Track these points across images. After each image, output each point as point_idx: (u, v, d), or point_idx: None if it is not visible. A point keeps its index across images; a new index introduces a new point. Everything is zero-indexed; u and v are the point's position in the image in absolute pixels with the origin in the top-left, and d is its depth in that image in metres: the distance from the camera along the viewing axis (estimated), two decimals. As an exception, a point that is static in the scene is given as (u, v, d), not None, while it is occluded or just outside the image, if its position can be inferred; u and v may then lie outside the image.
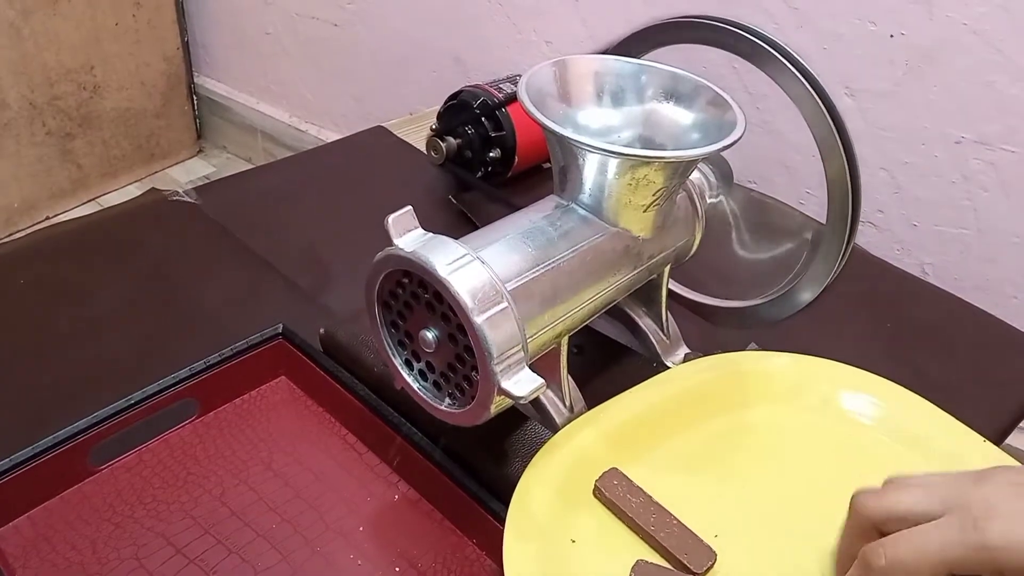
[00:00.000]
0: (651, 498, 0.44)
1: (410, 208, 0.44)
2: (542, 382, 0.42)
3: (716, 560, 0.42)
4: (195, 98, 1.75)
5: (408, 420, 0.51)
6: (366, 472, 0.52)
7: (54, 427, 0.48)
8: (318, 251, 0.74)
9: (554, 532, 0.43)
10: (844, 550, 0.41)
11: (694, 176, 0.56)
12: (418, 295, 0.44)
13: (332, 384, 0.54)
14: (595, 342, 0.59)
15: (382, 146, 0.93)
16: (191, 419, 0.54)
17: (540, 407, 0.51)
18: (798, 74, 0.50)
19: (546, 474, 0.45)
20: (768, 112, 0.93)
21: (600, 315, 0.52)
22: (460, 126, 0.83)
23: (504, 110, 0.82)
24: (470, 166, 0.84)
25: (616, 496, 0.44)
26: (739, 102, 0.49)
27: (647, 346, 0.58)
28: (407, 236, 0.43)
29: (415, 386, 0.47)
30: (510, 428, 0.50)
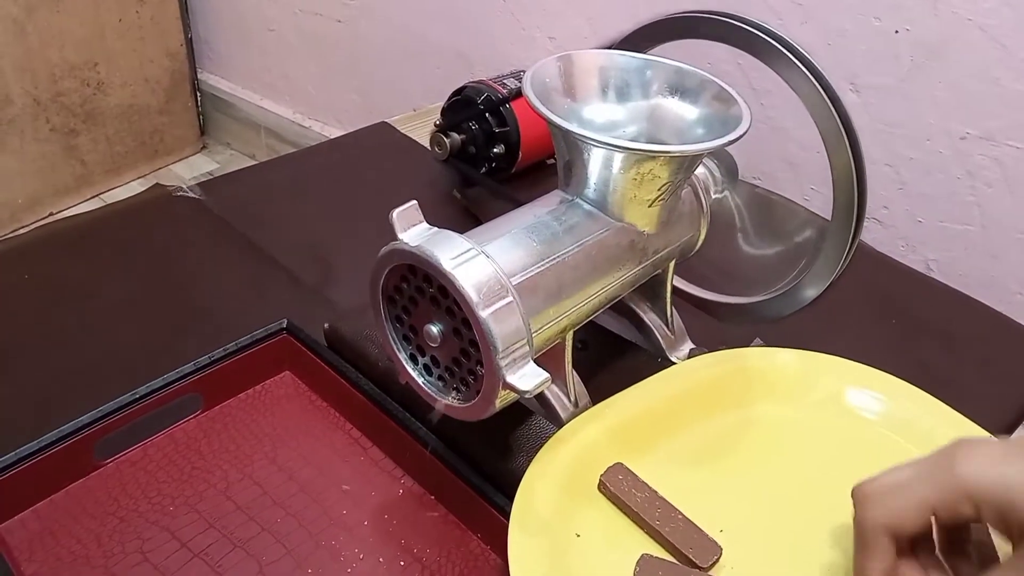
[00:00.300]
0: (656, 493, 0.44)
1: (415, 202, 0.43)
2: (547, 376, 0.42)
3: (721, 554, 0.42)
4: (199, 94, 1.75)
5: (413, 414, 0.51)
6: (370, 466, 0.52)
7: (59, 421, 0.48)
8: (322, 246, 0.74)
9: (559, 527, 0.43)
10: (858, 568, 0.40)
11: (699, 171, 0.56)
12: (423, 289, 0.44)
13: (336, 379, 0.54)
14: (600, 337, 0.59)
15: (386, 142, 0.93)
16: (196, 414, 0.54)
17: (545, 402, 0.51)
18: (803, 69, 0.50)
19: (551, 469, 0.45)
20: (773, 108, 0.93)
21: (605, 310, 0.52)
22: (464, 122, 0.83)
23: (508, 106, 0.82)
24: (474, 162, 0.84)
25: (621, 491, 0.44)
26: (744, 97, 0.49)
27: (652, 341, 0.58)
28: (412, 230, 0.43)
29: (420, 381, 0.47)
30: (515, 423, 0.50)
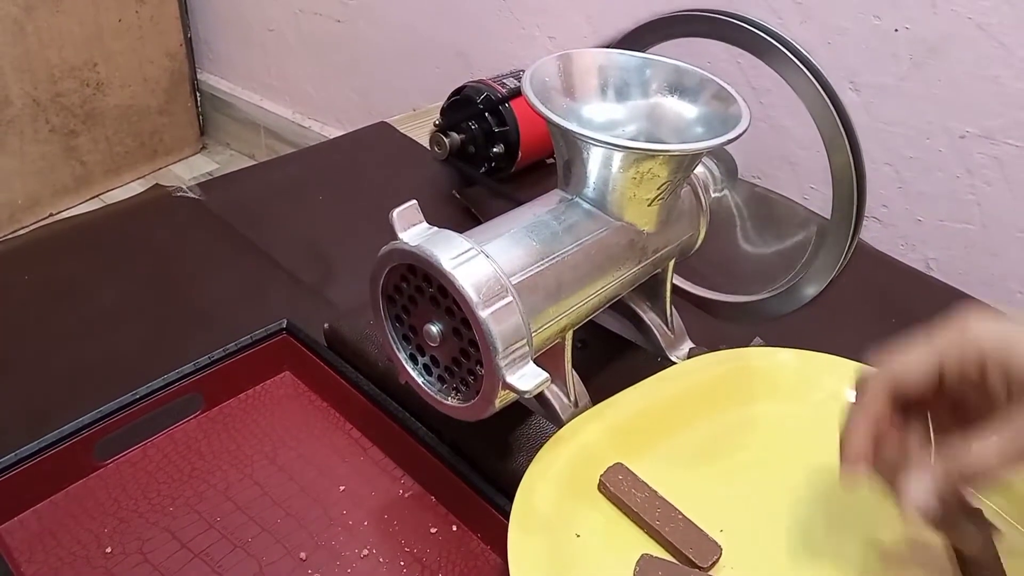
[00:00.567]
0: (656, 493, 0.44)
1: (414, 202, 0.43)
2: (547, 376, 0.42)
3: (721, 554, 0.42)
4: (198, 95, 1.75)
5: (412, 415, 0.51)
6: (370, 466, 0.52)
7: (59, 422, 0.48)
8: (322, 246, 0.74)
9: (559, 527, 0.43)
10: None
11: (698, 170, 0.56)
12: (423, 289, 0.44)
13: (336, 379, 0.54)
14: (599, 336, 0.59)
15: (385, 142, 0.93)
16: (196, 414, 0.54)
17: (544, 401, 0.51)
18: (803, 68, 0.50)
19: (551, 469, 0.45)
20: (772, 106, 0.93)
21: (604, 309, 0.52)
22: (464, 121, 0.83)
23: (508, 105, 0.82)
24: (474, 161, 0.84)
25: (621, 491, 0.44)
26: (743, 96, 0.49)
27: (651, 341, 0.58)
28: (411, 230, 0.43)
29: (419, 380, 0.47)
30: (514, 422, 0.50)
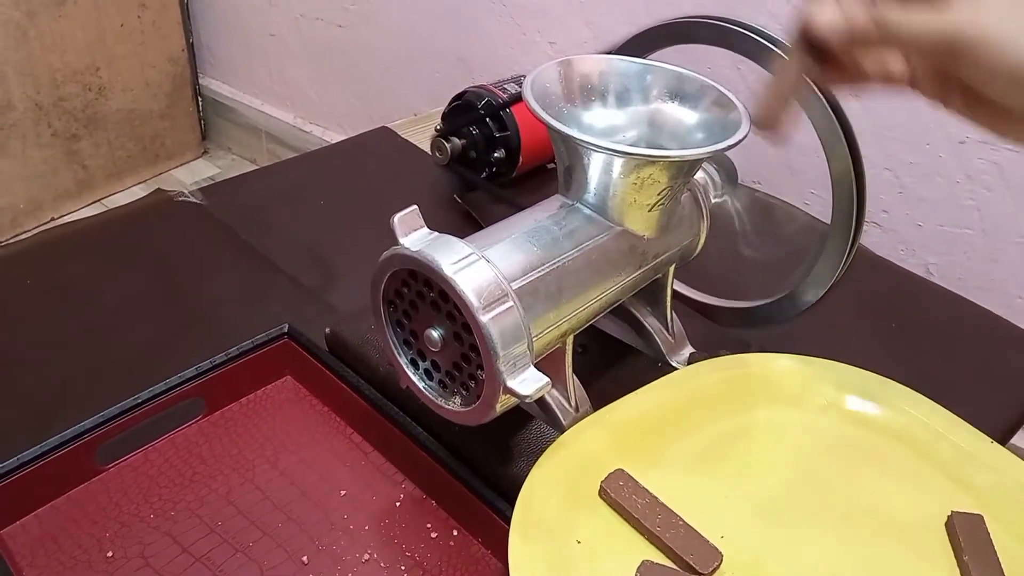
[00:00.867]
0: (657, 499, 0.44)
1: (415, 207, 0.44)
2: (547, 381, 0.42)
3: (722, 561, 0.42)
4: (200, 99, 1.76)
5: (413, 419, 0.51)
6: (371, 471, 0.52)
7: (61, 426, 0.48)
8: (323, 251, 0.74)
9: (560, 532, 0.43)
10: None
11: (699, 176, 0.56)
12: (423, 294, 0.44)
13: (337, 383, 0.54)
14: (600, 341, 0.59)
15: (386, 147, 0.93)
16: (197, 418, 0.54)
17: (545, 406, 0.51)
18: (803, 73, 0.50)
19: (552, 474, 0.45)
20: (772, 112, 0.93)
21: (605, 314, 0.52)
22: (465, 127, 0.83)
23: (508, 110, 0.82)
24: (474, 167, 0.84)
25: (622, 497, 0.44)
26: (744, 102, 0.50)
27: (652, 346, 0.59)
28: (412, 235, 0.43)
29: (420, 385, 0.47)
30: (515, 427, 0.50)
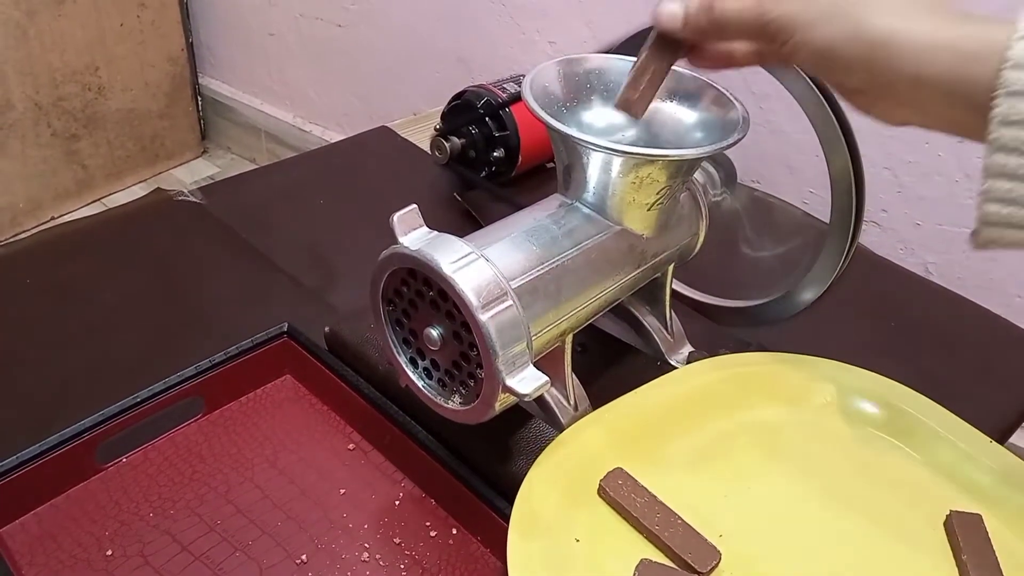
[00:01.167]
0: (655, 498, 0.44)
1: (415, 206, 0.44)
2: (546, 380, 0.42)
3: (720, 559, 0.42)
4: (199, 99, 1.76)
5: (413, 418, 0.51)
6: (371, 470, 0.52)
7: (60, 425, 0.48)
8: (322, 250, 0.75)
9: (558, 531, 0.43)
10: None
11: (698, 175, 0.57)
12: (423, 293, 0.44)
13: (337, 382, 0.54)
14: (599, 340, 0.59)
15: (386, 146, 0.93)
16: (197, 417, 0.54)
17: (544, 405, 0.51)
18: (801, 73, 0.50)
19: (551, 473, 0.45)
20: (771, 111, 0.93)
21: (604, 313, 0.52)
22: (464, 126, 0.83)
23: (508, 110, 0.82)
24: (474, 166, 0.84)
25: (620, 496, 0.44)
26: (742, 101, 0.50)
27: (651, 345, 0.59)
28: (412, 234, 0.43)
29: (419, 384, 0.47)
30: (514, 426, 0.51)
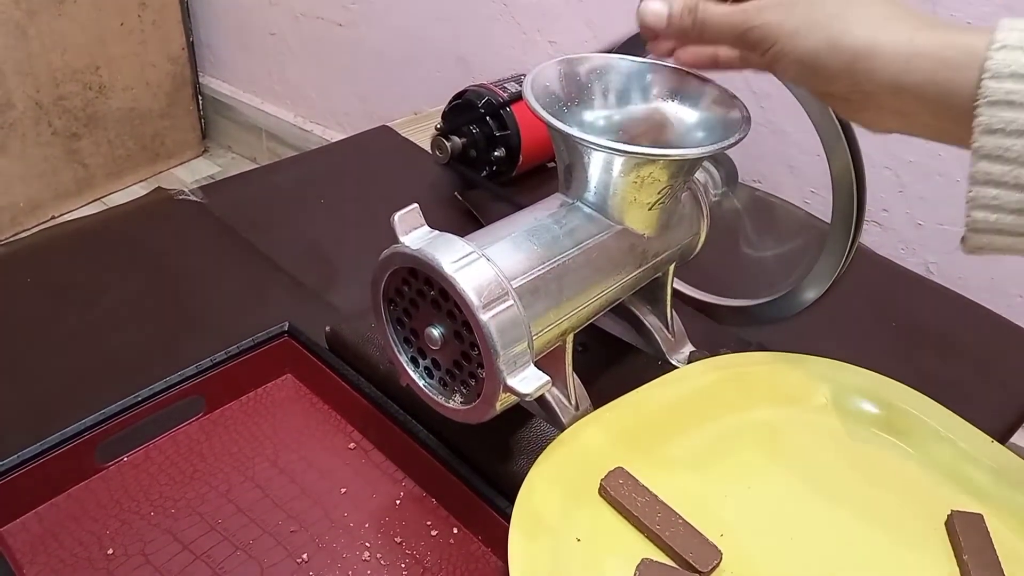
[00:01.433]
0: (656, 497, 0.44)
1: (416, 206, 0.44)
2: (547, 379, 0.42)
3: (721, 559, 0.42)
4: (200, 98, 1.76)
5: (414, 417, 0.51)
6: (371, 469, 0.52)
7: (61, 424, 0.48)
8: (323, 249, 0.75)
9: (559, 530, 0.43)
10: None
11: (699, 174, 0.57)
12: (424, 292, 0.44)
13: (338, 381, 0.54)
14: (600, 340, 0.59)
15: (387, 145, 0.93)
16: (197, 416, 0.54)
17: (545, 404, 0.51)
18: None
19: (552, 472, 0.45)
20: (773, 111, 0.93)
21: (605, 313, 0.52)
22: (465, 125, 0.83)
23: (509, 109, 0.82)
24: (475, 165, 0.84)
25: (621, 495, 0.44)
26: (744, 101, 0.50)
27: (652, 344, 0.59)
28: (413, 234, 0.43)
29: (420, 383, 0.47)
30: (515, 426, 0.50)
